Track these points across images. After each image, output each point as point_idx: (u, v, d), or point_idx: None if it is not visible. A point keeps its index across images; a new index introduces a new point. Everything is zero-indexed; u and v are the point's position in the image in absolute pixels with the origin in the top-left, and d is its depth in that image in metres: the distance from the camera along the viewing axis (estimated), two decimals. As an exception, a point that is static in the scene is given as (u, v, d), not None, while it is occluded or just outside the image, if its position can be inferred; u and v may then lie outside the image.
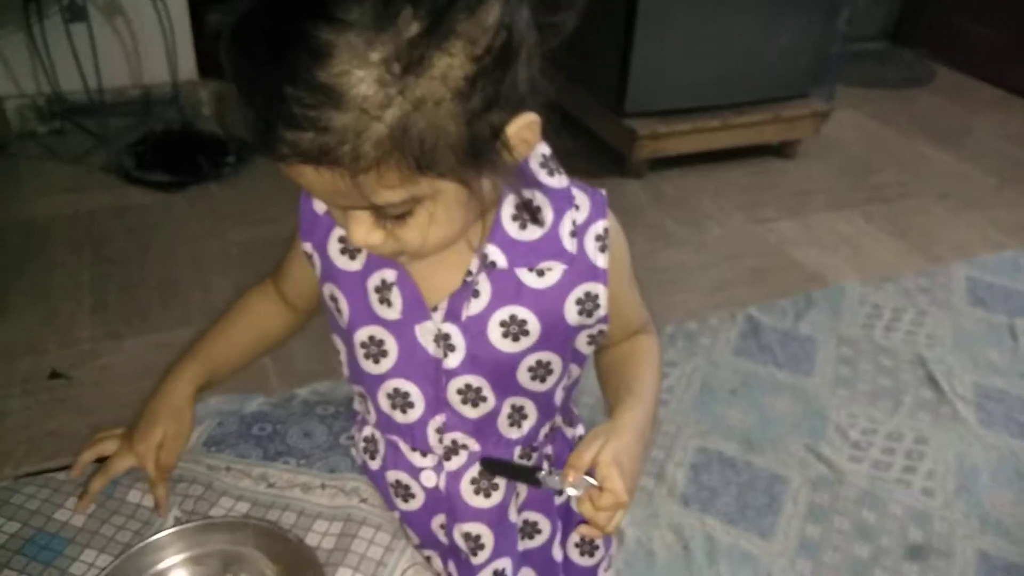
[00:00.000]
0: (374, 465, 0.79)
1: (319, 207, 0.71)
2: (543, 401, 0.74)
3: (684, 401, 1.76)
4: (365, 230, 0.57)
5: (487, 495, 0.76)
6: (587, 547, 0.86)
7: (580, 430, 0.84)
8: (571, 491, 0.64)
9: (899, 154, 2.97)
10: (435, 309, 0.68)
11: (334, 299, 0.72)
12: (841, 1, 2.65)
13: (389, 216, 0.56)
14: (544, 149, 0.67)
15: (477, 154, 0.53)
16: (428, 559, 0.82)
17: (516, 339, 0.68)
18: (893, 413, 1.77)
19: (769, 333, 1.98)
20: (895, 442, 1.69)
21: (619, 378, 0.75)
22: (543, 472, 0.67)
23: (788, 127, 2.73)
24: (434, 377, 0.70)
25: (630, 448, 0.65)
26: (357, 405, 0.81)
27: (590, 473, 0.63)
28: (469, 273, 0.67)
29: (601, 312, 0.70)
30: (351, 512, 0.77)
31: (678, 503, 1.52)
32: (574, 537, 0.86)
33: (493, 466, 0.74)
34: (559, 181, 0.68)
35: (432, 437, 0.74)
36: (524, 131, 0.56)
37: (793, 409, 1.76)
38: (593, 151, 2.68)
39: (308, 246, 0.73)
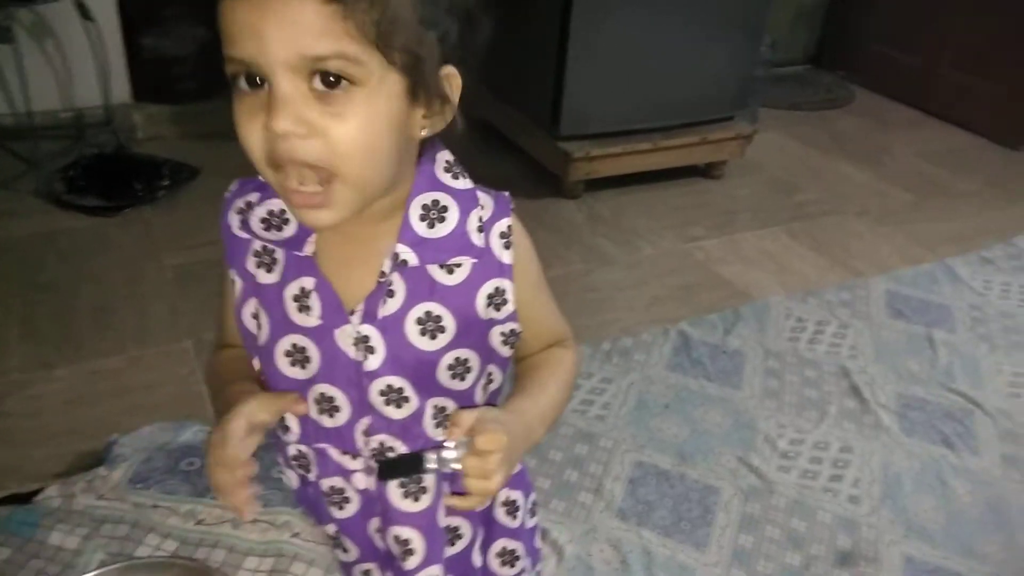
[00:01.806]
0: (310, 476, 0.80)
1: (237, 229, 0.73)
2: (464, 401, 0.76)
3: (620, 416, 1.80)
4: (296, 111, 0.57)
5: (415, 499, 0.77)
6: (509, 557, 0.88)
7: None
8: (451, 454, 0.65)
9: (820, 173, 3.08)
10: (352, 313, 0.70)
11: (255, 316, 0.74)
12: (763, 28, 2.76)
13: (329, 86, 0.57)
14: (448, 156, 0.72)
15: (420, 59, 0.60)
16: (367, 574, 0.83)
17: (434, 336, 0.71)
18: (819, 423, 1.83)
19: (700, 347, 2.04)
20: (822, 451, 1.76)
21: (520, 384, 0.78)
22: (431, 455, 0.68)
23: (715, 149, 2.82)
24: (356, 380, 0.72)
25: (512, 428, 0.68)
26: (277, 432, 0.82)
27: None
28: (382, 274, 0.70)
29: (509, 308, 0.73)
30: (282, 547, 0.76)
31: (616, 517, 1.55)
32: (495, 547, 0.88)
33: (386, 469, 0.75)
34: (464, 184, 0.72)
35: (359, 440, 0.75)
36: (452, 79, 0.64)
37: (723, 421, 1.82)
38: (530, 173, 2.73)
39: (233, 272, 0.75)
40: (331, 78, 0.57)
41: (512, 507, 0.87)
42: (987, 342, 2.16)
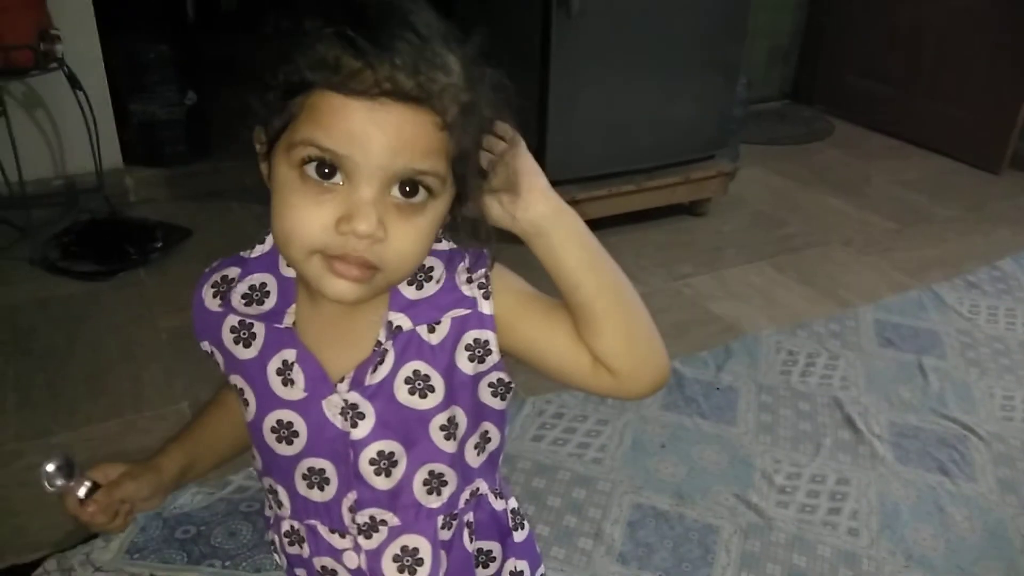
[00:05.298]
0: (304, 552, 0.78)
1: (209, 303, 0.74)
2: (456, 463, 0.74)
3: (617, 458, 1.81)
4: (379, 215, 0.60)
5: (411, 572, 0.75)
6: None
7: (512, 503, 0.84)
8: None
9: (803, 205, 3.12)
10: (341, 381, 0.70)
11: (240, 390, 0.74)
12: (738, 68, 2.81)
13: (407, 196, 0.61)
14: None
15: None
16: None
17: (424, 395, 0.70)
18: (815, 456, 1.84)
19: (693, 385, 2.05)
20: (819, 484, 1.76)
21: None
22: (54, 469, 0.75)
23: (698, 187, 2.86)
24: (343, 452, 0.71)
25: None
26: (267, 510, 0.81)
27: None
28: (378, 343, 0.69)
29: (494, 357, 0.71)
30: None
31: (616, 562, 1.55)
32: None
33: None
34: (446, 245, 0.72)
35: (346, 516, 0.74)
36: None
37: (719, 458, 1.83)
38: (517, 219, 2.76)
39: (206, 344, 0.75)
40: (414, 188, 0.61)
41: None
42: (977, 367, 2.18)
